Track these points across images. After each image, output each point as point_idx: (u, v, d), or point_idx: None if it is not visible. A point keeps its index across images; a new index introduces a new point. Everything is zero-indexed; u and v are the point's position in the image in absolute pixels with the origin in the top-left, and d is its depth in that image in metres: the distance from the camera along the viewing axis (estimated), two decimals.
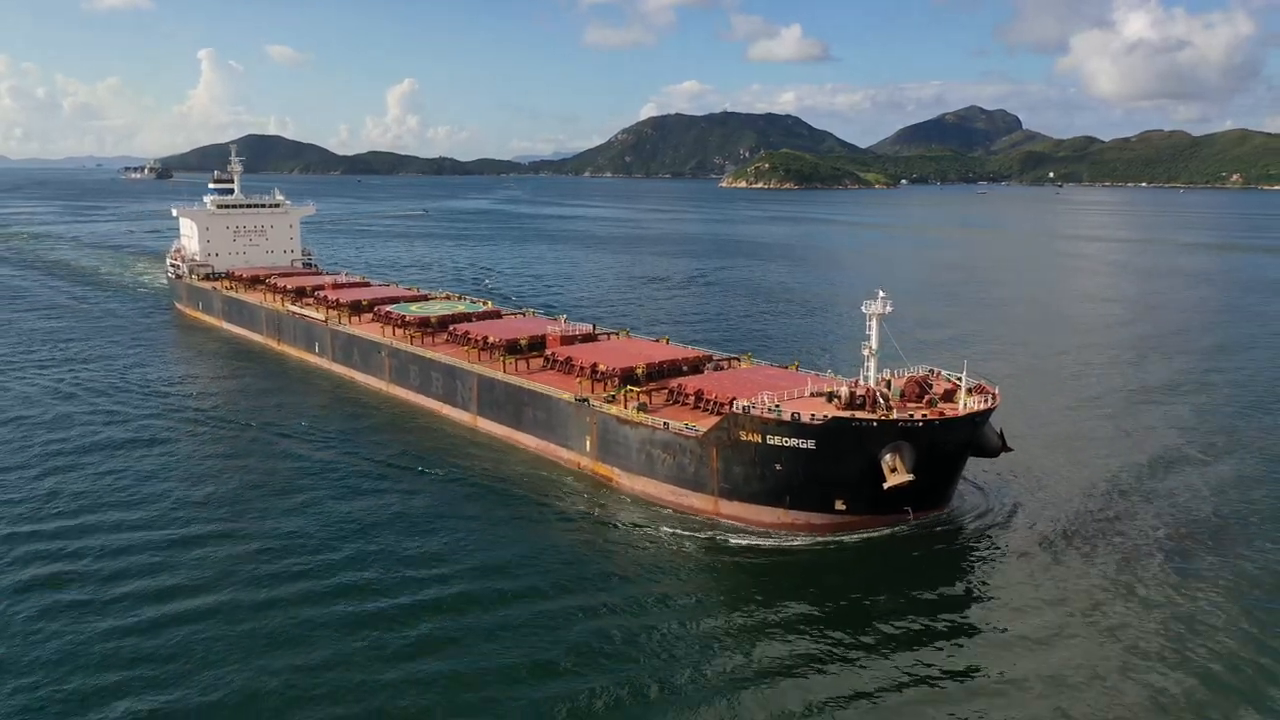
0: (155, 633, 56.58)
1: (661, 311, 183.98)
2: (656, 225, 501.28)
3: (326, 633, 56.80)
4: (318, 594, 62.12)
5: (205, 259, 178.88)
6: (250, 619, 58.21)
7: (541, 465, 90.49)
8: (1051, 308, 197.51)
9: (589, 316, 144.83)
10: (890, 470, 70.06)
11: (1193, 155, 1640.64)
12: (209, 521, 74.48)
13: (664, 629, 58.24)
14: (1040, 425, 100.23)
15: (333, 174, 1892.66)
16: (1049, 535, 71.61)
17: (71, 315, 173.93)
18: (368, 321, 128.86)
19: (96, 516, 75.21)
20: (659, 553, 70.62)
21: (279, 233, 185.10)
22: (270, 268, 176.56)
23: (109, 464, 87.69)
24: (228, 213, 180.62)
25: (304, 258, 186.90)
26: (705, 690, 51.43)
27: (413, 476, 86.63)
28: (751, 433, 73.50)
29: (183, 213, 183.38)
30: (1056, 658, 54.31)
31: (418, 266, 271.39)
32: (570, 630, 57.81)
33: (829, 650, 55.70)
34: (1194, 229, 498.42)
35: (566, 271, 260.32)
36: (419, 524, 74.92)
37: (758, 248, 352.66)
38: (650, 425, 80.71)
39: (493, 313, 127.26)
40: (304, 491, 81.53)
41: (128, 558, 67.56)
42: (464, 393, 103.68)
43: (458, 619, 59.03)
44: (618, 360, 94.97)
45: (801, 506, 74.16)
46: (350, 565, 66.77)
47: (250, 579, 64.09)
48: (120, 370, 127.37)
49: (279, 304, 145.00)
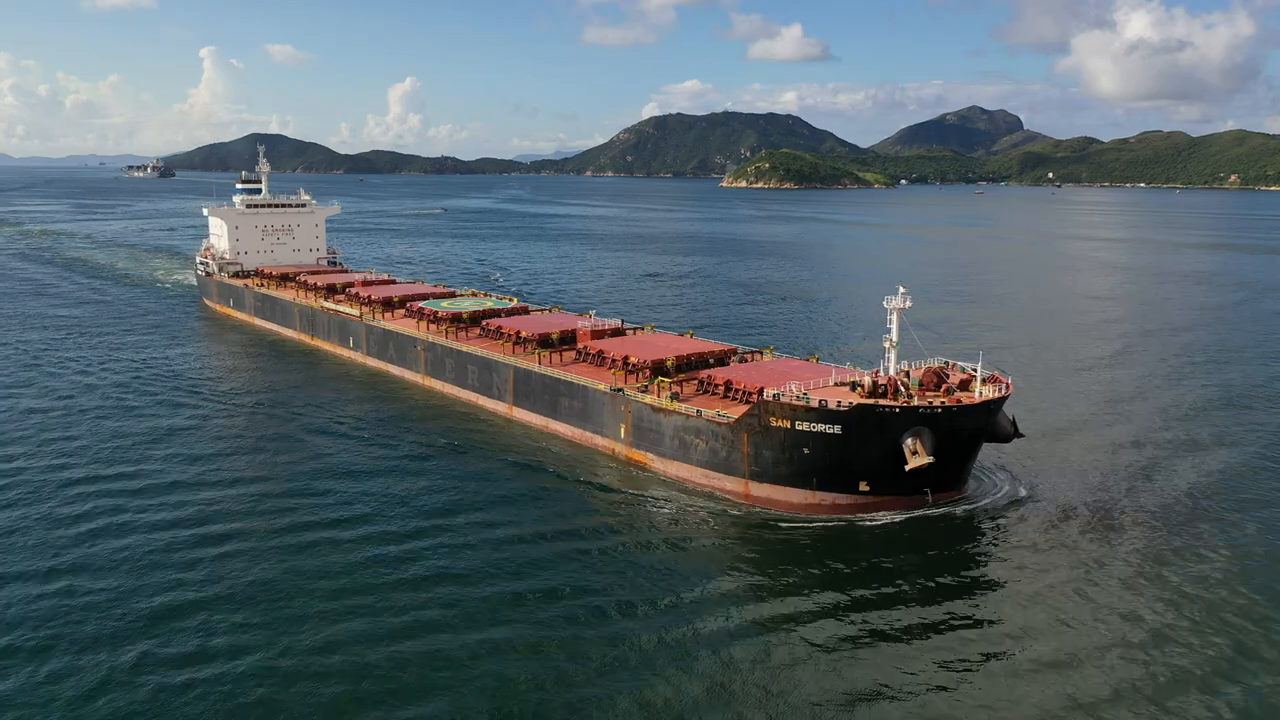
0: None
1: (675, 308, 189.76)
2: (659, 224, 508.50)
3: (401, 593, 62.30)
4: (386, 561, 67.52)
5: (235, 257, 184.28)
6: (335, 578, 63.73)
7: (577, 451, 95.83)
8: (1044, 302, 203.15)
9: (607, 314, 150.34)
10: (911, 453, 75.38)
11: (1191, 156, 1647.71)
12: (283, 496, 79.92)
13: (698, 593, 63.76)
14: (1050, 413, 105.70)
15: (335, 173, 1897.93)
16: (1059, 515, 76.97)
17: (107, 310, 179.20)
18: (400, 317, 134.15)
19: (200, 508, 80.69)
20: (694, 528, 76.09)
21: (305, 231, 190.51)
22: (298, 266, 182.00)
23: (184, 449, 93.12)
24: (256, 212, 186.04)
25: (329, 256, 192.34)
26: (735, 653, 56.77)
27: (457, 460, 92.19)
28: (781, 419, 78.80)
29: (213, 211, 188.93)
30: (1065, 633, 59.65)
31: (425, 262, 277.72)
32: (612, 592, 63.52)
33: (851, 619, 60.97)
34: (1184, 229, 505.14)
35: (573, 269, 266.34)
36: (469, 501, 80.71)
37: (759, 246, 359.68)
38: (684, 413, 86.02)
39: (520, 309, 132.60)
40: (361, 476, 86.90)
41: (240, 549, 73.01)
42: (499, 384, 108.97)
43: (515, 583, 64.54)
44: (648, 353, 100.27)
45: (828, 488, 79.50)
46: (415, 536, 72.25)
47: (329, 546, 69.57)
48: (165, 363, 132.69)
49: (312, 300, 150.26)
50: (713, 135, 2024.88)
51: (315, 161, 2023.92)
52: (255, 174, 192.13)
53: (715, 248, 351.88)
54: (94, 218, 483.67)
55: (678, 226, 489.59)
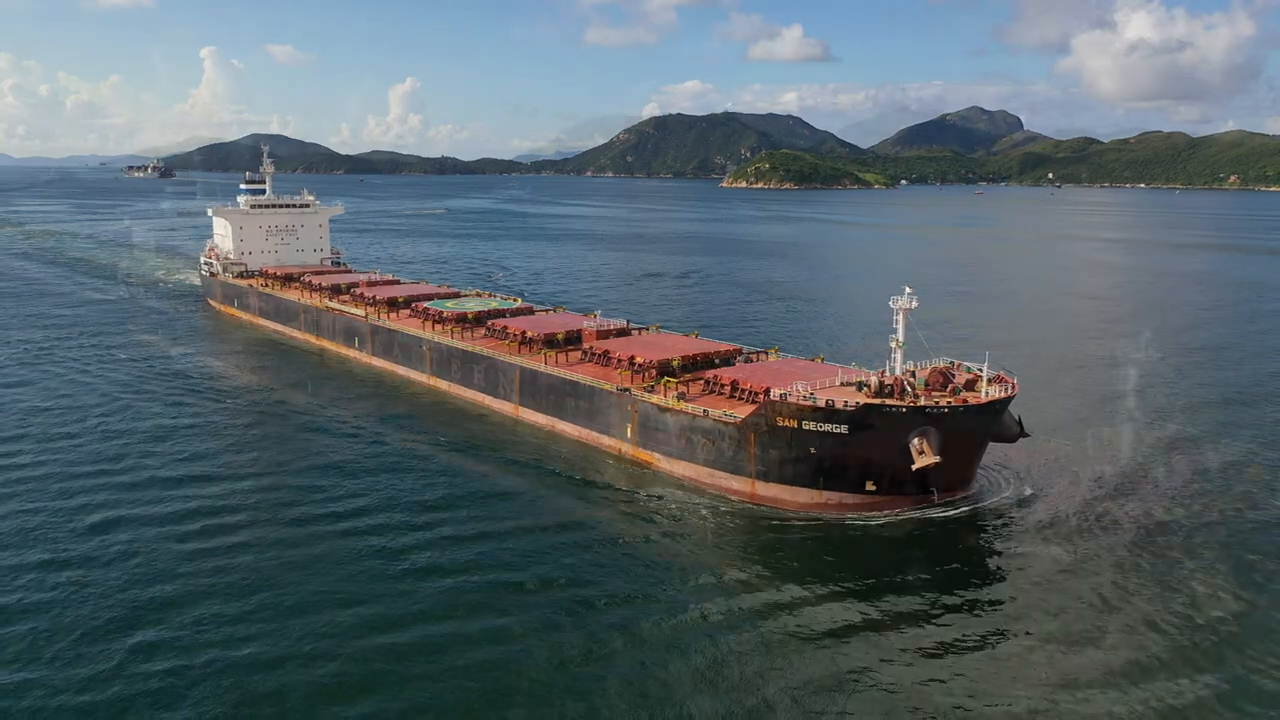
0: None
1: (676, 307, 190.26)
2: (658, 224, 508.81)
3: (403, 584, 62.78)
4: (388, 554, 67.97)
5: (239, 257, 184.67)
6: (339, 570, 64.19)
7: (584, 451, 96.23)
8: (1044, 302, 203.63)
9: (611, 314, 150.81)
10: (918, 453, 75.81)
11: (1191, 157, 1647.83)
12: (286, 490, 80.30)
13: (703, 588, 64.39)
14: (1054, 411, 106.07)
15: (336, 173, 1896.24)
16: (1064, 514, 77.35)
17: (115, 310, 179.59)
18: (406, 318, 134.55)
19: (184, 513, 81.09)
20: (700, 526, 76.67)
21: (309, 232, 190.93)
22: (302, 266, 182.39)
23: (185, 446, 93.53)
24: (260, 212, 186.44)
25: (333, 256, 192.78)
26: (739, 648, 57.17)
27: (462, 459, 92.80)
28: (788, 419, 79.18)
29: (217, 212, 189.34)
30: (1068, 631, 60.06)
31: (426, 262, 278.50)
32: (618, 583, 64.46)
33: (855, 614, 61.42)
34: (1182, 229, 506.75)
35: (574, 269, 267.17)
36: (473, 498, 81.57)
37: (757, 246, 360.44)
38: (690, 412, 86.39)
39: (525, 309, 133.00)
40: (364, 474, 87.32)
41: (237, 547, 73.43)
42: (506, 384, 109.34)
43: (516, 574, 65.16)
44: (654, 353, 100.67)
45: (834, 487, 79.90)
46: (418, 529, 72.74)
47: (336, 544, 69.99)
48: (168, 362, 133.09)
49: (317, 301, 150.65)
50: (713, 136, 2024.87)
51: (315, 162, 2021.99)
52: (259, 174, 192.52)
53: (714, 247, 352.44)
54: (95, 217, 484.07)
55: (677, 227, 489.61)
